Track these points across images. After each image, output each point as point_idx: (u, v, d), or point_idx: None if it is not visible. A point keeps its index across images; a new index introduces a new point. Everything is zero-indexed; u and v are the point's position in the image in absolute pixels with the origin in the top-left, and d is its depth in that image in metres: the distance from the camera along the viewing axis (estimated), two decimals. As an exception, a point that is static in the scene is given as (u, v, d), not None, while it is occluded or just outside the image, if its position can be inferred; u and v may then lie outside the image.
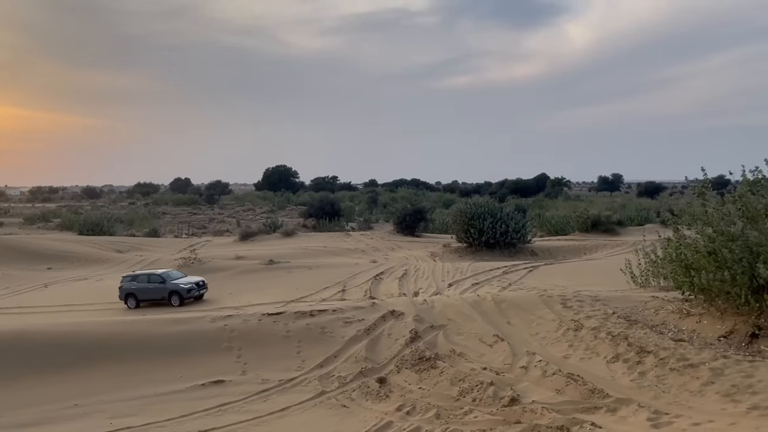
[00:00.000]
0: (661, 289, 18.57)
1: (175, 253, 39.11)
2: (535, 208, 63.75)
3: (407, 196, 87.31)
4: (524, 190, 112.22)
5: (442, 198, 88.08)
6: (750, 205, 14.16)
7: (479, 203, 39.11)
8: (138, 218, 68.51)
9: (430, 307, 18.10)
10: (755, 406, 10.30)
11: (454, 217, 39.46)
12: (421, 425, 11.46)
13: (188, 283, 25.78)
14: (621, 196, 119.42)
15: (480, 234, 36.83)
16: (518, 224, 37.75)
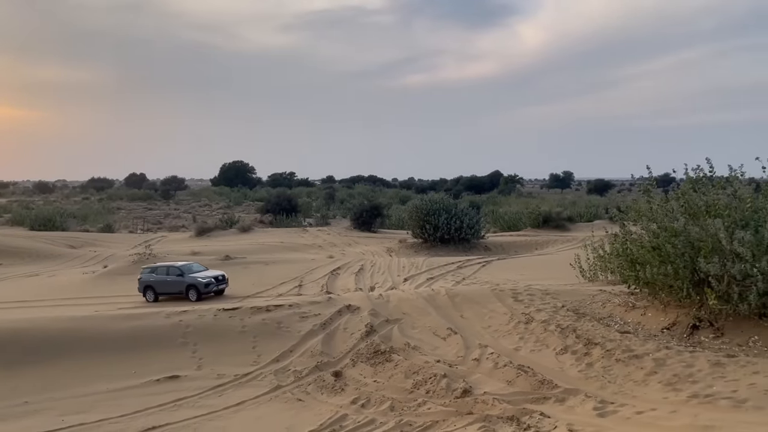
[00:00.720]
0: (608, 283, 18.98)
1: (130, 249, 38.38)
2: (488, 205, 64.38)
3: (364, 192, 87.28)
4: (479, 187, 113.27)
5: (399, 194, 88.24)
6: (692, 202, 14.57)
7: (434, 200, 39.38)
8: (92, 213, 66.95)
9: (386, 301, 18.17)
10: (695, 395, 10.64)
11: (410, 213, 39.64)
12: (375, 417, 11.52)
13: (206, 277, 24.25)
14: (572, 193, 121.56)
15: (435, 230, 37.09)
16: (472, 220, 38.14)
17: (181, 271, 24.30)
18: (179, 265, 24.87)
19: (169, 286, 24.15)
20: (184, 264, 25.31)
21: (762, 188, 14.68)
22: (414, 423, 11.03)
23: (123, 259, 32.39)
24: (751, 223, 13.67)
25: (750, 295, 13.07)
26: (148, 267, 25.47)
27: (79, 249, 40.01)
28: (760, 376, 11.03)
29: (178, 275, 24.19)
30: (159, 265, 25.38)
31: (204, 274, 24.63)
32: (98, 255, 37.02)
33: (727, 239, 13.37)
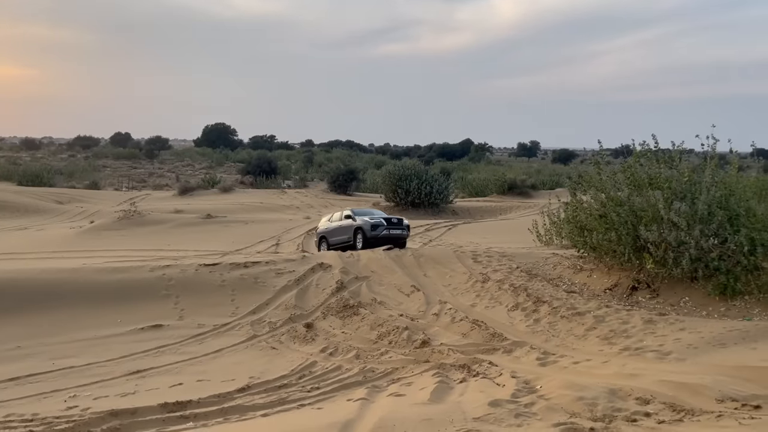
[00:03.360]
0: (561, 247, 19.71)
1: (115, 206, 38.39)
2: (459, 171, 64.83)
3: (341, 156, 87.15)
4: (450, 154, 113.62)
5: (374, 159, 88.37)
6: (636, 174, 15.21)
7: (407, 166, 39.85)
8: (78, 170, 66.26)
9: (356, 260, 18.70)
10: (626, 348, 11.38)
11: (383, 178, 40.13)
12: (342, 364, 12.10)
13: (376, 218, 21.35)
14: (537, 162, 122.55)
15: (407, 194, 37.65)
16: (442, 186, 38.73)
17: (352, 214, 21.89)
18: (352, 209, 22.82)
19: (340, 233, 21.81)
20: (358, 209, 23.28)
21: (701, 163, 15.34)
22: (376, 369, 11.63)
23: (108, 216, 32.46)
24: (687, 195, 14.36)
25: (683, 261, 13.83)
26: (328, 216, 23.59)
27: (66, 205, 39.91)
28: (685, 333, 11.81)
29: (348, 218, 21.71)
30: (335, 213, 23.34)
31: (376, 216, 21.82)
32: (84, 211, 37.01)
33: (666, 209, 14.07)
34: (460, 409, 8.17)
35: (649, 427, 6.80)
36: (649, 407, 7.73)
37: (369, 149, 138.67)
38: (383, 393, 9.96)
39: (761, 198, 14.32)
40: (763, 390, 8.24)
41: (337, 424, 7.48)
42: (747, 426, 6.41)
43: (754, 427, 6.33)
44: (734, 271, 13.56)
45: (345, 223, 21.55)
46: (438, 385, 9.86)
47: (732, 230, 13.72)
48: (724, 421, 6.79)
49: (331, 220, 22.82)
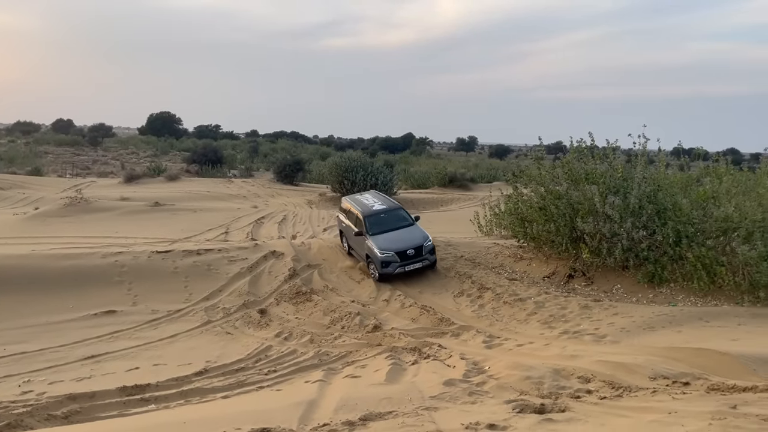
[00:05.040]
0: (501, 237, 20.19)
1: (60, 192, 36.96)
2: (401, 164, 65.14)
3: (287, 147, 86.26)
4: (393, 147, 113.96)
5: (320, 151, 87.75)
6: (573, 170, 15.75)
7: (353, 157, 39.83)
8: (19, 156, 63.32)
9: (307, 248, 18.69)
10: (565, 331, 11.85)
11: (329, 169, 39.94)
12: (296, 348, 12.16)
13: (390, 249, 15.94)
14: (475, 156, 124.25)
15: (353, 185, 37.59)
16: (386, 178, 38.87)
17: (362, 219, 16.91)
18: (360, 209, 17.33)
19: (357, 243, 17.13)
20: (372, 206, 17.50)
21: (632, 160, 15.99)
22: (330, 353, 11.74)
23: (54, 202, 31.23)
24: (621, 190, 14.97)
25: (616, 251, 14.45)
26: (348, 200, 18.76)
27: (7, 191, 38.13)
28: (618, 317, 12.37)
29: (358, 224, 17.06)
30: (359, 198, 18.62)
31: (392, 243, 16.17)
32: (27, 197, 35.47)
33: (601, 203, 14.65)
34: (416, 389, 8.37)
35: (593, 403, 7.14)
36: (590, 385, 8.11)
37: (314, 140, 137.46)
38: (339, 375, 10.08)
39: (686, 193, 15.04)
40: (690, 368, 8.75)
41: (301, 403, 7.55)
42: (680, 400, 6.83)
43: (686, 401, 6.74)
44: (661, 260, 14.26)
45: (359, 237, 16.67)
46: (392, 367, 10.05)
47: (660, 223, 14.42)
48: (658, 396, 7.20)
49: (348, 214, 17.87)
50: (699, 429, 5.31)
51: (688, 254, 13.78)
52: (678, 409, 6.31)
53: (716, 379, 7.96)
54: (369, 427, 6.46)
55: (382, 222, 16.77)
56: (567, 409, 6.69)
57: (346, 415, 6.90)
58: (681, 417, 5.88)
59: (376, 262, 15.80)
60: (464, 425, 6.13)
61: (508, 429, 5.96)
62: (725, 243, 13.53)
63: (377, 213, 17.05)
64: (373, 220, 16.81)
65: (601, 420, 6.19)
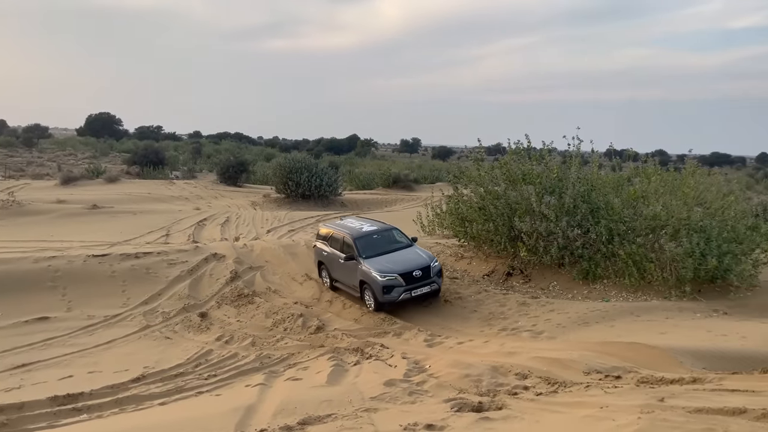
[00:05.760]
0: (443, 237, 20.29)
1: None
2: (346, 165, 65.01)
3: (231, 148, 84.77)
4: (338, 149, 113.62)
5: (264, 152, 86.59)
6: (511, 171, 15.97)
7: (297, 159, 39.42)
8: (-54, 158, 60.14)
9: (250, 250, 18.33)
10: (504, 328, 11.98)
11: (274, 170, 39.41)
12: (238, 351, 11.88)
13: (391, 269, 13.54)
14: (419, 157, 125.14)
15: (297, 186, 37.24)
16: (331, 179, 38.63)
17: (353, 245, 14.35)
18: (351, 233, 14.79)
19: (343, 271, 14.73)
20: (362, 229, 15.01)
21: (567, 161, 16.33)
22: (272, 355, 11.52)
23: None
24: (556, 190, 15.27)
25: (552, 249, 14.71)
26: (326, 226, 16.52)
27: (-67, 194, 36.08)
28: (554, 313, 12.59)
29: (347, 250, 14.50)
30: (342, 223, 16.07)
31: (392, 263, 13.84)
32: (-44, 200, 33.64)
33: (537, 203, 14.89)
34: (357, 390, 8.27)
35: (529, 399, 7.20)
36: (527, 381, 8.19)
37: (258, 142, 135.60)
38: (281, 378, 9.89)
39: (617, 193, 15.45)
40: (622, 362, 8.95)
41: (239, 408, 7.34)
42: (612, 394, 6.95)
43: (618, 395, 6.87)
44: (595, 258, 14.61)
45: (350, 263, 14.23)
46: (334, 368, 9.93)
47: (593, 221, 14.77)
48: (592, 391, 7.32)
49: (332, 240, 15.31)
50: (629, 423, 5.40)
51: (620, 251, 14.14)
52: (610, 403, 6.41)
53: (646, 372, 8.16)
54: (307, 431, 6.33)
55: (375, 244, 14.50)
56: (504, 407, 6.71)
57: (285, 420, 6.75)
58: (612, 411, 5.97)
59: (375, 287, 13.34)
60: (402, 426, 6.07)
61: (445, 429, 5.93)
62: (654, 240, 13.95)
63: (369, 234, 14.76)
64: (364, 241, 14.43)
65: (537, 417, 6.23)
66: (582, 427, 5.69)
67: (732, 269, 13.33)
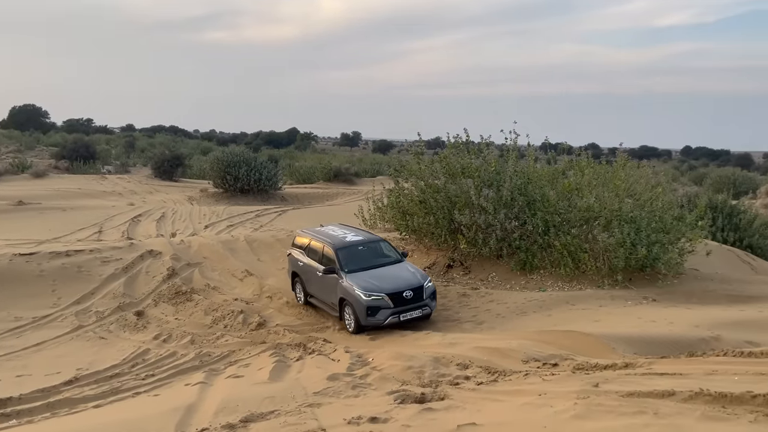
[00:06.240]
0: (385, 230, 20.37)
1: None
2: (286, 159, 64.21)
3: (165, 142, 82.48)
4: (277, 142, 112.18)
5: (201, 146, 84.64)
6: (451, 164, 16.18)
7: (235, 152, 38.70)
8: None
9: (187, 246, 17.92)
10: (446, 319, 12.17)
11: (211, 164, 38.56)
12: (177, 350, 11.61)
13: (377, 289, 11.91)
14: (359, 151, 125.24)
15: (236, 181, 36.58)
16: (270, 173, 38.13)
17: (335, 257, 12.73)
18: (332, 244, 13.09)
19: (321, 286, 13.17)
20: (345, 239, 13.35)
21: (504, 155, 16.65)
22: (213, 353, 11.32)
23: None
24: (494, 183, 15.56)
25: (491, 241, 15.01)
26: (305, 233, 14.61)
27: None
28: (494, 304, 12.86)
29: (328, 263, 12.88)
30: (321, 231, 14.34)
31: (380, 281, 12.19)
32: None
33: (476, 196, 15.15)
34: (300, 385, 8.23)
35: (470, 389, 7.34)
36: (468, 371, 8.34)
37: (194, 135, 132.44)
38: (222, 375, 9.74)
39: (553, 185, 15.88)
40: (559, 350, 9.24)
41: (179, 408, 7.19)
42: (549, 381, 7.16)
43: (555, 382, 7.08)
44: (532, 249, 15.00)
45: (329, 277, 12.63)
46: (276, 364, 9.85)
47: (530, 214, 15.15)
48: (530, 379, 7.52)
49: (309, 250, 13.68)
50: (566, 409, 5.57)
51: (556, 242, 14.57)
52: (547, 390, 6.60)
53: (581, 359, 8.44)
54: (250, 429, 6.26)
55: (360, 256, 12.82)
56: (446, 397, 6.82)
57: (227, 418, 6.65)
58: (550, 398, 6.15)
59: (358, 308, 11.71)
60: (346, 420, 6.08)
61: (389, 421, 5.98)
62: (587, 231, 14.44)
63: (353, 245, 13.09)
64: (348, 253, 12.76)
65: (478, 406, 6.36)
66: (521, 414, 5.84)
67: (660, 258, 13.94)
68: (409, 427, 5.71)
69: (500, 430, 5.33)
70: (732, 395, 5.21)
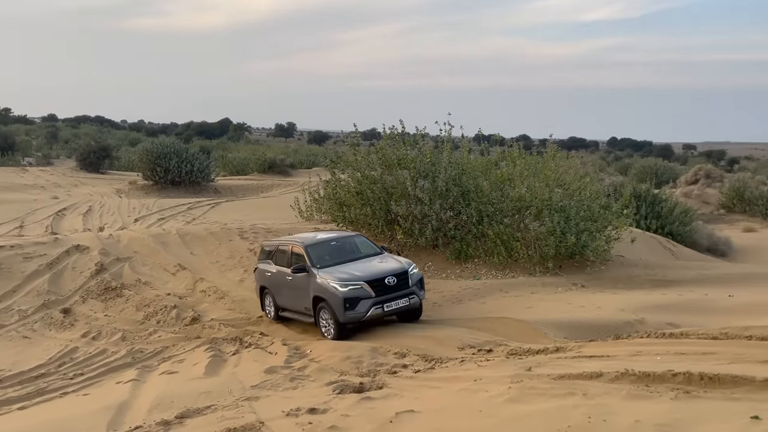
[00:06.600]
0: (322, 222, 20.31)
1: None
2: (218, 150, 62.91)
3: (91, 132, 79.30)
4: (209, 133, 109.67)
5: (129, 136, 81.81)
6: (387, 155, 16.27)
7: (165, 143, 37.61)
8: None
9: (116, 241, 17.34)
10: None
11: (140, 155, 37.41)
12: (107, 347, 11.25)
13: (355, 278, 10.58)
14: (294, 142, 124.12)
15: (166, 173, 35.60)
16: (202, 164, 37.31)
17: (305, 254, 11.38)
18: (302, 242, 11.96)
19: (289, 292, 11.97)
20: (317, 238, 12.27)
21: (439, 146, 16.88)
22: (145, 350, 11.02)
23: None
24: (429, 174, 15.76)
25: (427, 231, 15.20)
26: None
27: None
28: (430, 293, 12.98)
29: (297, 261, 11.55)
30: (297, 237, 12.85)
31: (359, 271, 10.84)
32: None
33: (412, 186, 15.30)
34: (236, 380, 8.15)
35: (408, 377, 7.45)
36: (406, 360, 8.46)
37: (122, 126, 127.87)
38: (155, 372, 9.52)
39: (486, 176, 16.21)
40: (493, 336, 9.50)
41: (111, 407, 6.99)
42: (485, 367, 7.35)
43: (490, 368, 7.28)
44: (466, 238, 15.29)
45: (299, 277, 11.25)
46: (212, 359, 9.70)
47: (464, 204, 15.43)
48: (466, 365, 7.70)
49: (277, 256, 12.35)
50: (500, 393, 5.75)
51: (489, 232, 14.90)
52: (483, 375, 6.78)
53: (515, 344, 8.71)
54: (186, 425, 6.16)
55: (333, 252, 11.66)
56: (384, 386, 6.90)
57: (161, 415, 6.52)
58: (485, 383, 6.32)
59: (334, 303, 10.28)
60: (285, 412, 6.07)
61: (328, 411, 6.01)
62: (520, 220, 14.84)
63: (325, 241, 12.03)
64: (319, 249, 11.57)
65: (416, 393, 6.47)
66: (458, 400, 5.98)
67: (588, 245, 14.49)
68: (348, 417, 5.76)
69: (437, 416, 5.44)
70: (654, 374, 5.50)
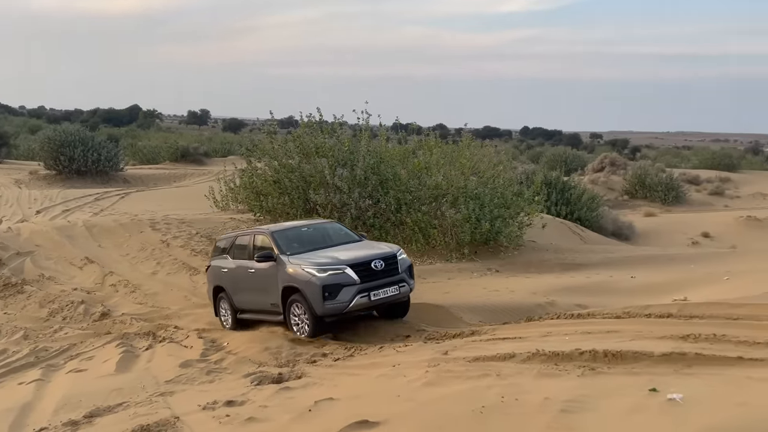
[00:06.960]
0: (238, 212, 19.91)
1: None
2: (127, 138, 60.37)
3: (-15, 119, 74.38)
4: (117, 120, 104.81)
5: (28, 123, 77.13)
6: (305, 144, 16.15)
7: (69, 131, 35.70)
8: None
9: (17, 234, 16.37)
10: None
11: (41, 144, 35.29)
12: (7, 347, 10.62)
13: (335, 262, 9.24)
14: (208, 130, 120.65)
15: (71, 162, 33.80)
16: (110, 153, 35.71)
17: (272, 242, 9.90)
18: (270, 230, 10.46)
19: (251, 288, 10.41)
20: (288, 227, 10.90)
21: (357, 135, 16.89)
22: (50, 348, 10.47)
23: None
24: (348, 163, 15.76)
25: (346, 219, 15.20)
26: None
27: None
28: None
29: (261, 249, 10.11)
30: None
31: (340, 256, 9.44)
32: None
33: (331, 175, 15.26)
34: (150, 375, 7.91)
35: (328, 365, 7.47)
36: (325, 348, 8.47)
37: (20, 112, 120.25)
38: (62, 371, 9.10)
39: (404, 164, 16.38)
40: (411, 322, 9.66)
41: (12, 409, 6.63)
42: (403, 353, 7.48)
43: (408, 353, 7.41)
44: (385, 226, 15.42)
45: (265, 267, 9.80)
46: (123, 355, 9.36)
47: (383, 192, 15.54)
48: (385, 351, 7.82)
49: (235, 250, 10.89)
50: (418, 377, 5.86)
51: (407, 219, 15.10)
52: (401, 361, 6.90)
53: (432, 329, 8.90)
54: (96, 424, 5.92)
55: (304, 239, 10.21)
56: (303, 375, 6.89)
57: (69, 415, 6.25)
58: (404, 369, 6.43)
59: (311, 293, 8.81)
60: (201, 406, 5.95)
61: (246, 403, 5.93)
62: (437, 208, 15.12)
63: (293, 227, 10.77)
64: (287, 235, 10.14)
65: (335, 381, 6.50)
66: (377, 385, 6.05)
67: (502, 231, 14.95)
68: (266, 408, 5.71)
69: (356, 402, 5.49)
70: (563, 353, 5.77)
